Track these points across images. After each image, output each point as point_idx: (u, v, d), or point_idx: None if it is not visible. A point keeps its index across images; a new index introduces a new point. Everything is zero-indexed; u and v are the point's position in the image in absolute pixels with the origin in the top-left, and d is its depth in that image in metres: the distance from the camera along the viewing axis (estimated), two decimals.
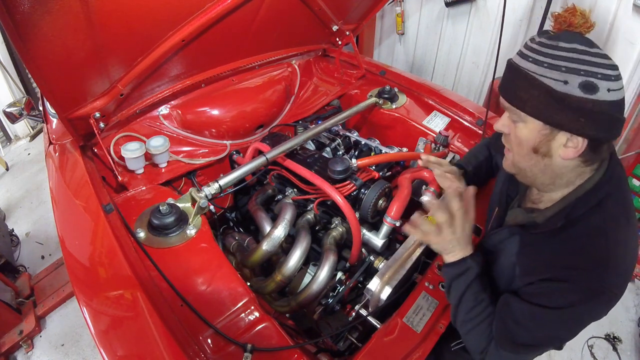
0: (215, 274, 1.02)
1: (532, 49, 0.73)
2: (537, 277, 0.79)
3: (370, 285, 1.03)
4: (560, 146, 0.74)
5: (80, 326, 2.09)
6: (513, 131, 0.80)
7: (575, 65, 0.68)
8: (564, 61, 0.69)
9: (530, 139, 0.76)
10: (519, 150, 0.81)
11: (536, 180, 0.84)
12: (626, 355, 2.03)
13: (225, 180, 1.23)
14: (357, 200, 1.32)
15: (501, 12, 2.43)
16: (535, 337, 0.79)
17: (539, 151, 0.77)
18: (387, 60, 3.77)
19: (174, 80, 1.45)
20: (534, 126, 0.75)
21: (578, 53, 0.68)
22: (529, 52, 0.73)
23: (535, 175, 0.82)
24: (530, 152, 0.78)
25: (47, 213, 2.82)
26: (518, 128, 0.78)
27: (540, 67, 0.71)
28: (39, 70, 0.99)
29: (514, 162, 0.85)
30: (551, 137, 0.74)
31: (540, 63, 0.71)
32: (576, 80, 0.68)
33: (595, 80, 0.67)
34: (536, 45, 0.73)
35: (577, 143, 0.72)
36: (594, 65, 0.68)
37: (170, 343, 0.80)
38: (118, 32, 1.08)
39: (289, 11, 1.53)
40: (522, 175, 0.86)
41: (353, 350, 1.19)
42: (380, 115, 1.82)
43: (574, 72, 0.68)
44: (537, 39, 0.75)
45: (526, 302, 0.79)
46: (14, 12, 0.83)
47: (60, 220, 1.11)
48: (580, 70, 0.67)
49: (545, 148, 0.76)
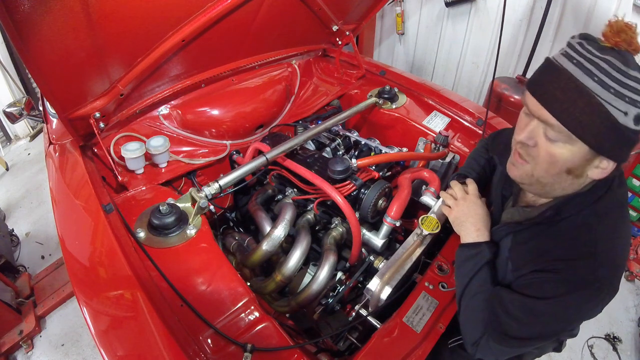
0: (215, 274, 1.02)
1: (598, 67, 0.65)
2: (528, 270, 0.81)
3: (370, 285, 1.03)
4: (592, 168, 0.72)
5: (80, 326, 2.09)
6: (545, 147, 0.73)
7: (636, 96, 0.64)
8: (630, 91, 0.64)
9: (569, 160, 0.71)
10: (549, 167, 0.74)
11: (550, 193, 0.81)
12: (626, 355, 2.03)
13: (225, 180, 1.23)
14: (357, 200, 1.32)
15: (501, 12, 2.43)
16: (526, 328, 0.79)
17: (573, 172, 0.73)
18: (387, 60, 3.77)
19: (174, 80, 1.45)
20: (580, 150, 0.69)
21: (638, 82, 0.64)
22: (594, 69, 0.65)
23: (553, 189, 0.79)
24: (562, 172, 0.74)
25: (47, 213, 2.82)
26: (556, 146, 0.71)
27: (607, 92, 0.64)
28: (39, 70, 0.99)
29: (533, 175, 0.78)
30: (591, 160, 0.71)
31: (607, 87, 0.64)
32: (633, 112, 0.64)
33: None
34: (603, 62, 0.65)
35: (609, 165, 0.71)
36: None
37: (170, 343, 0.80)
38: (118, 32, 1.08)
39: (289, 11, 1.53)
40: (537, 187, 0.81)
41: (353, 350, 1.19)
42: (380, 115, 1.82)
43: (634, 103, 0.64)
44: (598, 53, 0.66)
45: (517, 293, 0.81)
46: (14, 12, 0.83)
47: (60, 220, 1.11)
48: (637, 102, 0.64)
49: (580, 170, 0.73)
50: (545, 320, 0.78)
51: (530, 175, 0.79)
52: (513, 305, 0.80)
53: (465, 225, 1.00)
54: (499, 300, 0.83)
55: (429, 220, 1.14)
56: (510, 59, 2.98)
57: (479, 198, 1.05)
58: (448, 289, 1.08)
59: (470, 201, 1.03)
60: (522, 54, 2.90)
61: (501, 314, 0.81)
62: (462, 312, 0.92)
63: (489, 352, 0.85)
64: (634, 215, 2.46)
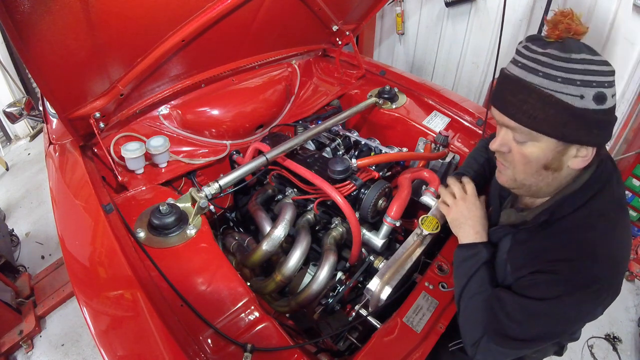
0: (215, 274, 1.02)
1: (539, 62, 0.67)
2: (527, 271, 0.80)
3: (370, 285, 1.03)
4: (570, 158, 0.72)
5: (80, 326, 2.09)
6: (517, 150, 0.75)
7: (588, 77, 0.64)
8: (578, 74, 0.65)
9: (542, 157, 0.73)
10: (525, 168, 0.76)
11: (539, 192, 0.82)
12: (626, 355, 2.03)
13: (225, 180, 1.23)
14: (357, 200, 1.32)
15: (501, 12, 2.43)
16: (526, 330, 0.79)
17: (550, 167, 0.74)
18: (387, 60, 3.77)
19: (174, 80, 1.45)
20: (548, 145, 0.71)
21: (587, 63, 0.65)
22: (536, 65, 0.67)
23: (539, 188, 0.80)
24: (540, 170, 0.75)
25: (47, 213, 2.82)
26: (526, 147, 0.73)
27: (554, 83, 0.65)
28: (39, 70, 0.99)
29: (516, 179, 0.81)
30: (564, 151, 0.71)
31: (553, 78, 0.65)
32: (590, 93, 0.65)
33: (604, 90, 0.65)
34: (543, 56, 0.67)
35: (587, 152, 0.71)
36: (602, 74, 0.65)
37: (170, 343, 0.80)
38: (118, 32, 1.08)
39: (289, 11, 1.53)
40: (524, 189, 0.82)
41: (353, 350, 1.19)
42: (380, 115, 1.82)
43: (587, 84, 0.65)
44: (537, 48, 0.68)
45: (516, 295, 0.80)
46: (14, 12, 0.83)
47: (60, 220, 1.11)
48: (592, 82, 0.65)
49: (556, 163, 0.73)
50: (544, 321, 0.77)
51: (513, 179, 0.81)
52: (513, 307, 0.80)
53: (463, 226, 1.00)
54: (499, 302, 0.83)
55: (429, 220, 1.14)
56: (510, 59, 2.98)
57: (477, 199, 1.04)
58: (448, 289, 1.08)
59: (469, 202, 1.02)
60: None
61: (501, 315, 0.81)
62: (461, 313, 0.92)
63: (488, 353, 0.85)
64: (634, 215, 2.46)
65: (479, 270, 0.91)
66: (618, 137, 2.42)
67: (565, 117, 0.66)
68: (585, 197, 0.77)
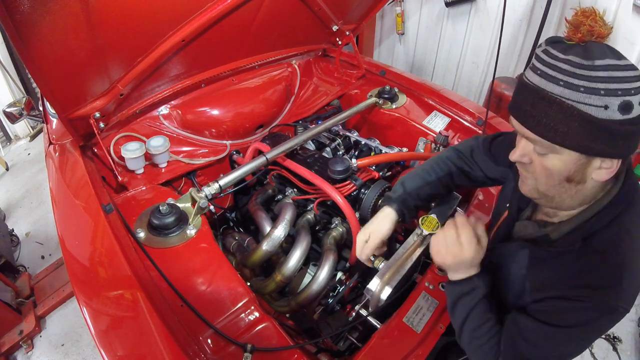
0: (215, 274, 1.02)
1: (561, 70, 0.62)
2: (547, 294, 0.76)
3: (370, 285, 1.03)
4: (594, 170, 0.68)
5: (80, 326, 2.09)
6: (538, 162, 0.71)
7: (613, 85, 0.60)
8: (602, 82, 0.60)
9: (564, 169, 0.68)
10: (547, 180, 0.72)
11: (563, 205, 0.77)
12: (626, 355, 2.03)
13: (225, 180, 1.23)
14: (357, 200, 1.32)
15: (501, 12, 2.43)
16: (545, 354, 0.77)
17: (573, 180, 0.70)
18: (387, 60, 3.77)
19: (174, 80, 1.45)
20: (570, 158, 0.66)
21: (612, 70, 0.60)
22: (557, 74, 0.62)
23: (563, 200, 0.75)
24: (563, 182, 0.71)
25: (47, 213, 2.81)
26: (547, 159, 0.69)
27: (576, 93, 0.60)
28: (39, 70, 0.99)
29: (539, 190, 0.76)
30: (587, 164, 0.67)
31: (575, 88, 0.60)
32: (616, 103, 0.60)
33: (631, 98, 0.60)
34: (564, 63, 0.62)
35: (612, 164, 0.66)
36: (628, 81, 0.60)
37: (170, 343, 0.80)
38: (118, 32, 1.08)
39: (289, 11, 1.53)
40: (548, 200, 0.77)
41: (353, 350, 1.19)
42: (380, 115, 1.82)
43: (612, 93, 0.60)
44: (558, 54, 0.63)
45: (536, 320, 0.76)
46: (14, 12, 0.83)
47: (60, 220, 1.11)
48: (618, 90, 0.60)
49: (580, 176, 0.69)
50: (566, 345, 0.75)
51: (536, 189, 0.77)
52: (533, 332, 0.76)
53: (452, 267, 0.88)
54: (517, 327, 0.79)
55: (429, 220, 1.14)
56: (510, 59, 2.98)
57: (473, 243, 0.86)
58: None
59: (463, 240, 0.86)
60: (522, 54, 2.90)
61: (519, 340, 0.78)
62: (467, 347, 0.88)
63: None
64: None
65: (478, 304, 0.85)
66: None
67: (588, 130, 0.62)
68: (614, 213, 0.73)
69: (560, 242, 0.77)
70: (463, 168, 1.09)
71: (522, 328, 0.78)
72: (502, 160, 1.03)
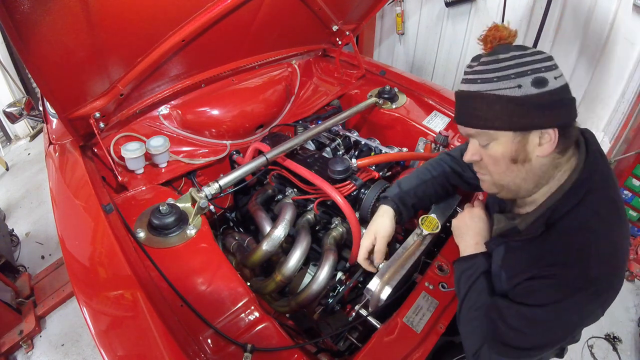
0: (215, 274, 1.02)
1: (476, 72, 0.76)
2: (522, 278, 0.80)
3: (370, 285, 1.03)
4: (535, 147, 0.75)
5: (80, 326, 2.09)
6: (485, 154, 0.81)
7: (520, 68, 0.71)
8: (510, 69, 0.72)
9: (506, 152, 0.77)
10: (496, 168, 0.80)
11: (520, 191, 0.83)
12: (626, 355, 2.03)
13: (225, 180, 1.23)
14: (357, 200, 1.32)
15: (501, 12, 2.43)
16: (526, 338, 0.78)
17: (517, 160, 0.77)
18: (387, 60, 3.77)
19: (174, 80, 1.45)
20: (507, 139, 0.75)
21: (517, 58, 0.72)
22: (474, 76, 0.76)
23: (519, 185, 0.82)
24: (509, 165, 0.78)
25: (47, 213, 2.82)
26: (490, 148, 0.79)
27: (491, 83, 0.73)
28: (39, 70, 0.99)
29: (495, 182, 0.84)
30: (525, 141, 0.75)
31: (489, 80, 0.73)
32: (527, 81, 0.71)
33: (542, 74, 0.71)
34: (477, 67, 0.76)
35: (550, 136, 0.73)
36: (535, 62, 0.72)
37: (170, 343, 0.80)
38: (118, 32, 1.08)
39: (289, 11, 1.53)
40: (506, 191, 0.85)
41: (353, 350, 1.19)
42: (380, 115, 1.82)
43: (522, 74, 0.71)
44: (473, 63, 0.78)
45: (514, 303, 0.80)
46: (14, 12, 0.83)
47: (60, 220, 1.11)
48: (527, 71, 0.71)
49: (522, 154, 0.76)
50: (546, 328, 0.77)
51: (492, 183, 0.85)
52: (511, 315, 0.79)
53: (464, 236, 1.01)
54: (497, 311, 0.83)
55: (429, 220, 1.14)
56: None
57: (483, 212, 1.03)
58: (448, 289, 1.08)
59: (474, 213, 1.03)
60: None
61: (500, 324, 0.81)
62: (462, 324, 0.92)
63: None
64: (634, 215, 2.46)
65: (478, 279, 0.92)
66: (618, 137, 2.42)
67: (510, 108, 0.72)
68: (577, 197, 0.77)
69: (525, 231, 0.83)
70: (455, 169, 1.16)
71: (501, 311, 0.82)
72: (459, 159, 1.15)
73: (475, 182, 1.16)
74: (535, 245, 0.81)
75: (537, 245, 0.81)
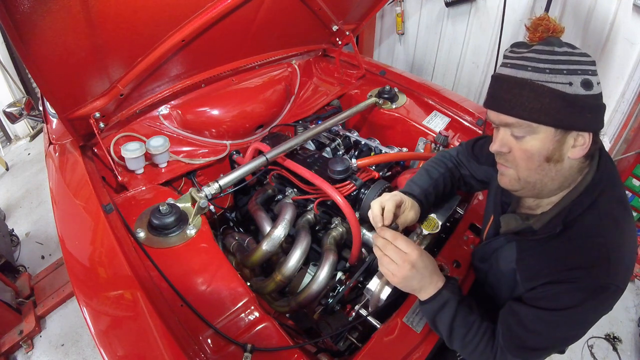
0: (215, 274, 1.02)
1: (526, 58, 0.72)
2: (539, 282, 0.79)
3: (370, 285, 1.03)
4: (569, 148, 0.74)
5: (80, 326, 2.09)
6: (517, 147, 0.76)
7: (572, 66, 0.70)
8: (563, 64, 0.70)
9: (543, 149, 0.74)
10: (528, 164, 0.76)
11: (544, 190, 0.80)
12: (626, 355, 2.03)
13: (225, 180, 1.23)
14: (357, 200, 1.32)
15: (501, 12, 2.43)
16: (545, 339, 0.79)
17: (552, 159, 0.75)
18: (387, 60, 3.77)
19: (174, 80, 1.45)
20: (547, 135, 0.72)
21: (569, 55, 0.71)
22: (524, 62, 0.72)
23: (545, 185, 0.79)
24: (542, 163, 0.75)
25: (47, 213, 2.82)
26: (525, 142, 0.75)
27: (543, 74, 0.70)
28: (39, 70, 0.99)
29: (520, 178, 0.80)
30: (563, 140, 0.73)
31: (542, 70, 0.70)
32: (578, 80, 0.69)
33: (589, 77, 0.70)
34: (528, 53, 0.72)
35: (585, 140, 0.73)
36: (584, 64, 0.71)
37: (170, 343, 0.80)
38: (118, 32, 1.08)
39: (289, 11, 1.53)
40: (529, 189, 0.81)
41: (353, 350, 1.19)
42: (380, 115, 1.82)
43: (573, 72, 0.69)
44: (521, 49, 0.74)
45: (532, 307, 0.79)
46: (14, 12, 0.83)
47: (60, 220, 1.11)
48: (577, 70, 0.70)
49: (558, 154, 0.74)
50: (563, 329, 0.77)
51: (517, 178, 0.80)
52: (530, 320, 0.79)
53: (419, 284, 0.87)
54: (514, 317, 0.81)
55: (429, 220, 1.14)
56: None
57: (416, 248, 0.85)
58: None
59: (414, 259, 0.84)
60: None
61: (518, 329, 0.80)
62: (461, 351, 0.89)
63: None
64: (634, 215, 2.47)
65: (457, 314, 0.85)
66: (618, 137, 2.42)
67: (559, 103, 0.70)
68: (591, 198, 0.77)
69: (542, 230, 0.81)
70: (454, 167, 1.17)
71: (519, 317, 0.80)
72: (484, 159, 1.11)
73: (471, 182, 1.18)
74: (553, 247, 0.80)
75: (554, 247, 0.80)
